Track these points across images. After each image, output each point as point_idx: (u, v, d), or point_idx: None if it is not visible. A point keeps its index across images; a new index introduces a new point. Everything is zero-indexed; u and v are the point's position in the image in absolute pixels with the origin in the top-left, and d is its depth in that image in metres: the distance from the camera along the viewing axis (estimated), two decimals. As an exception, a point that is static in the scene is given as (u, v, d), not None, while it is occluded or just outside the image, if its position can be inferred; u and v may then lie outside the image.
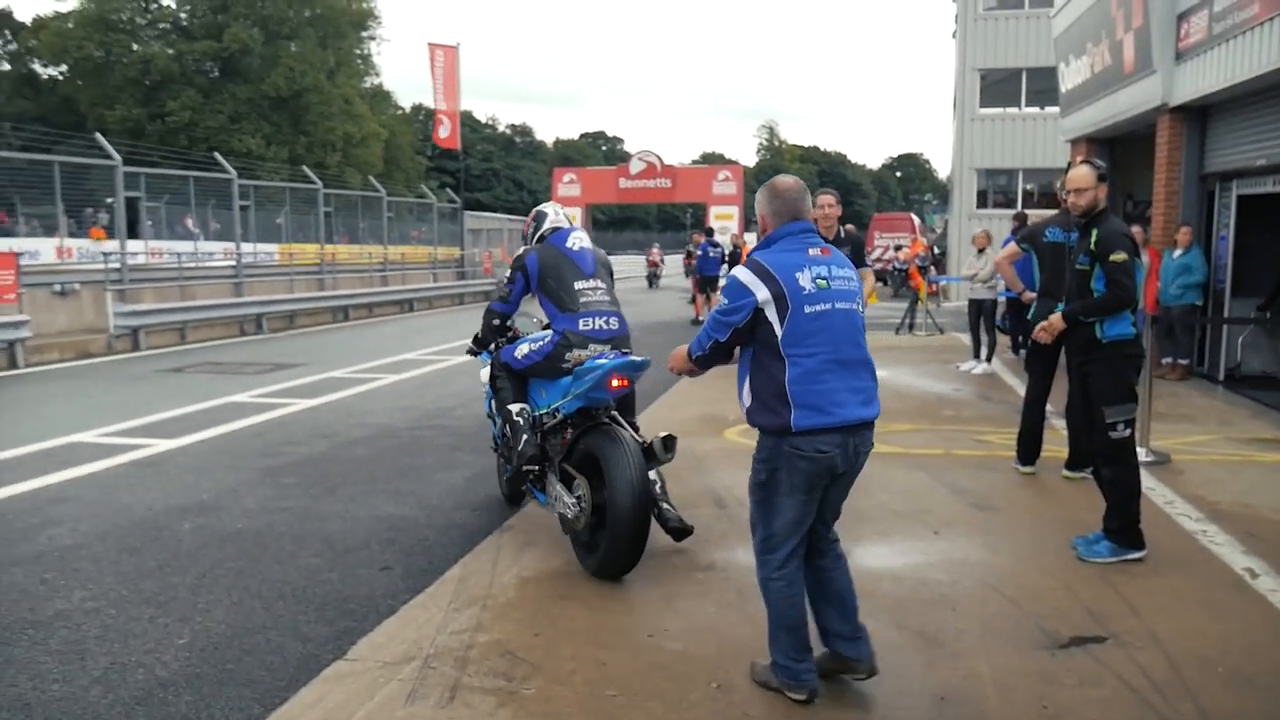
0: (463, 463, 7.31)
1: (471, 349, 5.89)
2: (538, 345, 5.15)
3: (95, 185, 21.23)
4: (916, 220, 37.33)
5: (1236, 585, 4.69)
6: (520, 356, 5.24)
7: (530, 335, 5.39)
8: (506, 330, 5.61)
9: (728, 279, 3.50)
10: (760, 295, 3.35)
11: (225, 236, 24.05)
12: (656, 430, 5.04)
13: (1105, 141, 14.84)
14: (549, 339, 5.09)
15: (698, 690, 3.58)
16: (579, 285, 5.11)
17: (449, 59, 32.30)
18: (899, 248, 27.44)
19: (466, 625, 4.18)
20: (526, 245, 5.50)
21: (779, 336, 3.36)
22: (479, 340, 5.77)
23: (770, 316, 3.36)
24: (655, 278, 36.53)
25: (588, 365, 4.89)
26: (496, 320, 5.50)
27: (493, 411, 5.70)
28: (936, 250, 30.32)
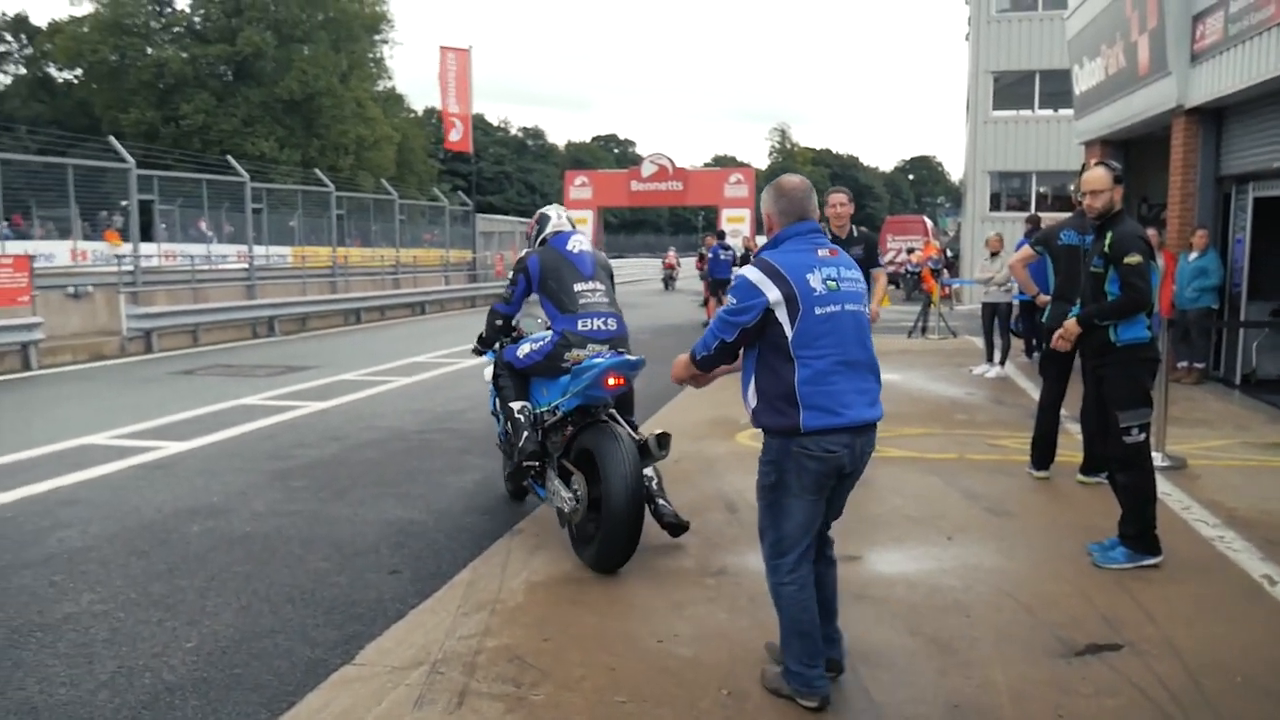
0: (472, 466, 7.29)
1: (476, 349, 6.00)
2: (538, 345, 5.30)
3: (110, 188, 21.35)
4: (929, 223, 37.21)
5: (1255, 592, 4.62)
6: (522, 356, 5.40)
7: (532, 335, 5.53)
8: (511, 330, 5.77)
9: (736, 279, 3.43)
10: (771, 296, 3.31)
11: (238, 239, 24.12)
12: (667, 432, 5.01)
13: (1120, 144, 14.75)
14: (549, 339, 5.24)
15: (708, 697, 3.54)
16: (578, 287, 5.26)
17: (461, 62, 32.34)
18: (911, 251, 27.35)
19: (475, 630, 4.15)
20: (529, 247, 5.67)
21: (789, 338, 3.32)
22: (483, 340, 5.88)
23: (781, 317, 3.32)
24: (671, 280, 37.70)
25: (585, 364, 5.05)
26: (499, 321, 5.66)
27: (497, 410, 5.80)
28: (949, 253, 30.24)
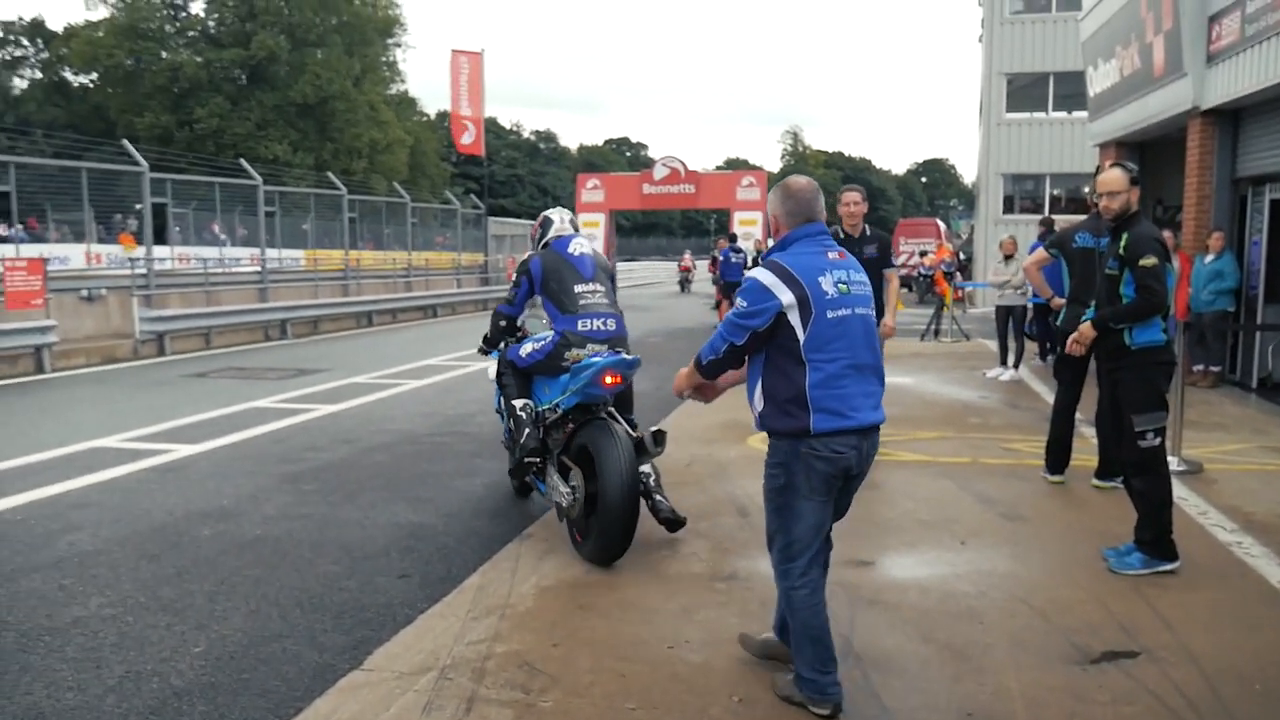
0: (483, 469, 7.27)
1: (482, 348, 6.17)
2: (540, 345, 5.48)
3: (124, 192, 21.49)
4: (942, 226, 37.06)
5: (1273, 598, 4.56)
6: (524, 355, 5.59)
7: (534, 335, 5.70)
8: (515, 330, 5.95)
9: (747, 281, 3.38)
10: (785, 299, 3.28)
11: (251, 242, 24.24)
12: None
13: (1134, 146, 14.66)
14: (550, 339, 5.42)
15: (719, 704, 3.51)
16: (579, 288, 5.44)
17: (473, 65, 32.36)
18: (924, 253, 27.24)
19: (484, 635, 4.12)
20: (533, 250, 5.86)
21: (801, 341, 3.30)
22: (488, 340, 6.05)
23: (793, 321, 3.29)
24: (687, 282, 39.10)
25: (584, 363, 5.22)
26: (503, 321, 5.88)
27: (501, 408, 5.96)
28: (962, 256, 30.12)
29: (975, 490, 6.50)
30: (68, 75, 55.39)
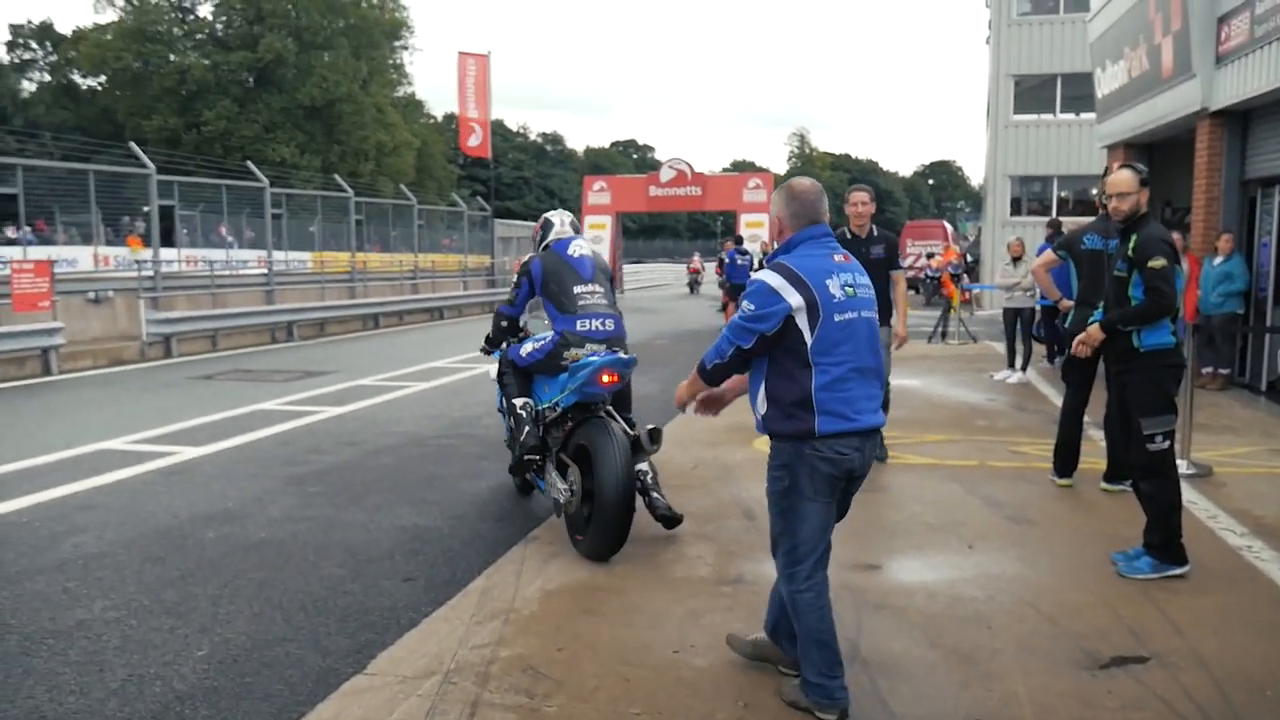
0: (488, 472, 7.24)
1: (484, 348, 6.32)
2: (540, 344, 5.60)
3: (132, 194, 21.54)
4: (949, 228, 36.98)
5: (1285, 604, 4.52)
6: (524, 355, 5.72)
7: (535, 335, 5.81)
8: (517, 331, 6.08)
9: (754, 284, 3.34)
10: (794, 302, 3.26)
11: (259, 244, 24.27)
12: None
13: (1143, 147, 14.60)
14: (550, 339, 5.54)
15: (724, 710, 3.48)
16: (578, 289, 5.56)
17: (480, 67, 32.38)
18: (931, 256, 27.17)
19: (488, 639, 4.10)
20: (534, 251, 5.98)
21: (809, 345, 3.27)
22: (490, 340, 6.20)
23: (801, 324, 3.27)
24: (696, 284, 39.88)
25: (581, 362, 5.32)
26: (504, 322, 6.04)
27: (503, 406, 6.05)
28: (969, 258, 30.02)
29: (983, 493, 6.47)
30: (76, 78, 55.60)
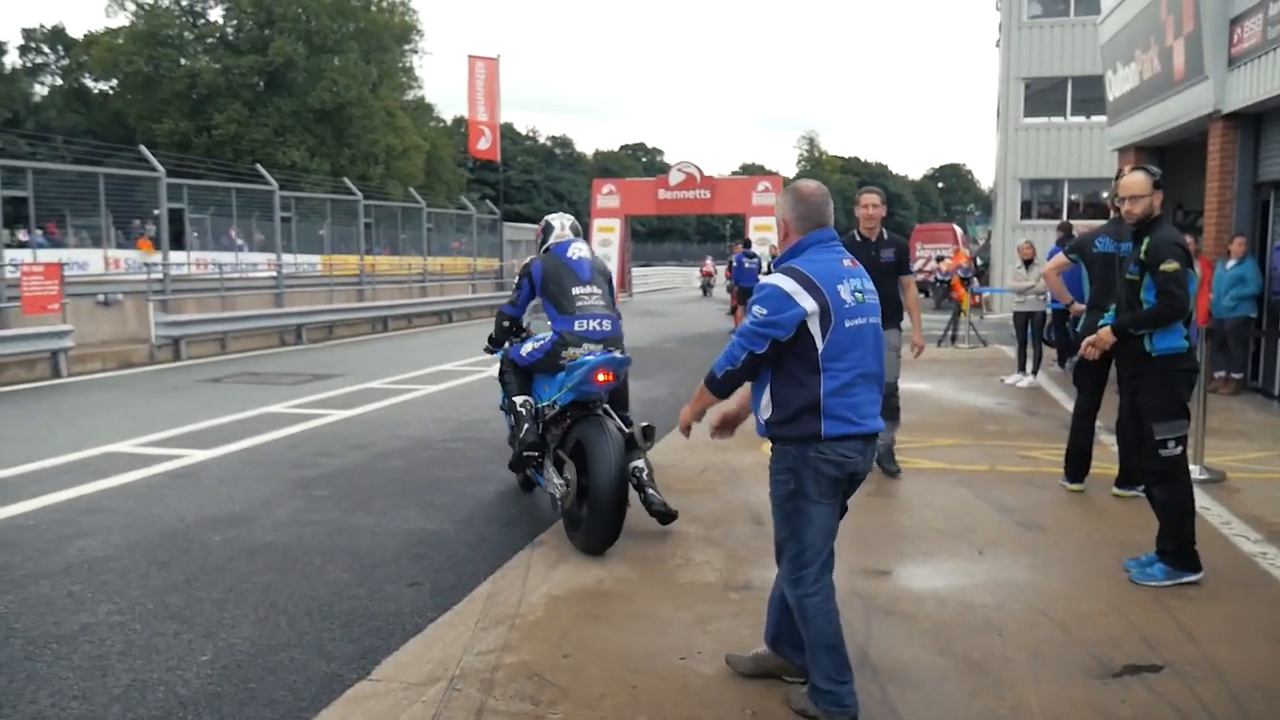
0: (496, 476, 7.21)
1: (487, 348, 6.52)
2: (539, 344, 5.78)
3: (143, 197, 21.60)
4: (959, 231, 36.88)
5: (1300, 612, 4.46)
6: (525, 354, 5.89)
7: (535, 335, 5.97)
8: (520, 330, 6.24)
9: (766, 288, 3.29)
10: (808, 306, 3.22)
11: (269, 247, 24.29)
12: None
13: (1154, 150, 14.51)
14: (549, 338, 5.71)
15: (731, 718, 3.44)
16: (576, 291, 5.73)
17: (489, 71, 32.45)
18: (941, 259, 27.07)
19: (494, 645, 4.07)
20: (535, 254, 6.16)
21: (819, 350, 3.24)
22: (493, 340, 6.39)
23: (813, 329, 3.24)
24: (709, 287, 40.16)
25: (578, 361, 5.47)
26: (506, 322, 6.21)
27: (505, 405, 6.16)
28: (979, 261, 29.93)
29: (993, 498, 6.42)
30: (88, 82, 55.86)
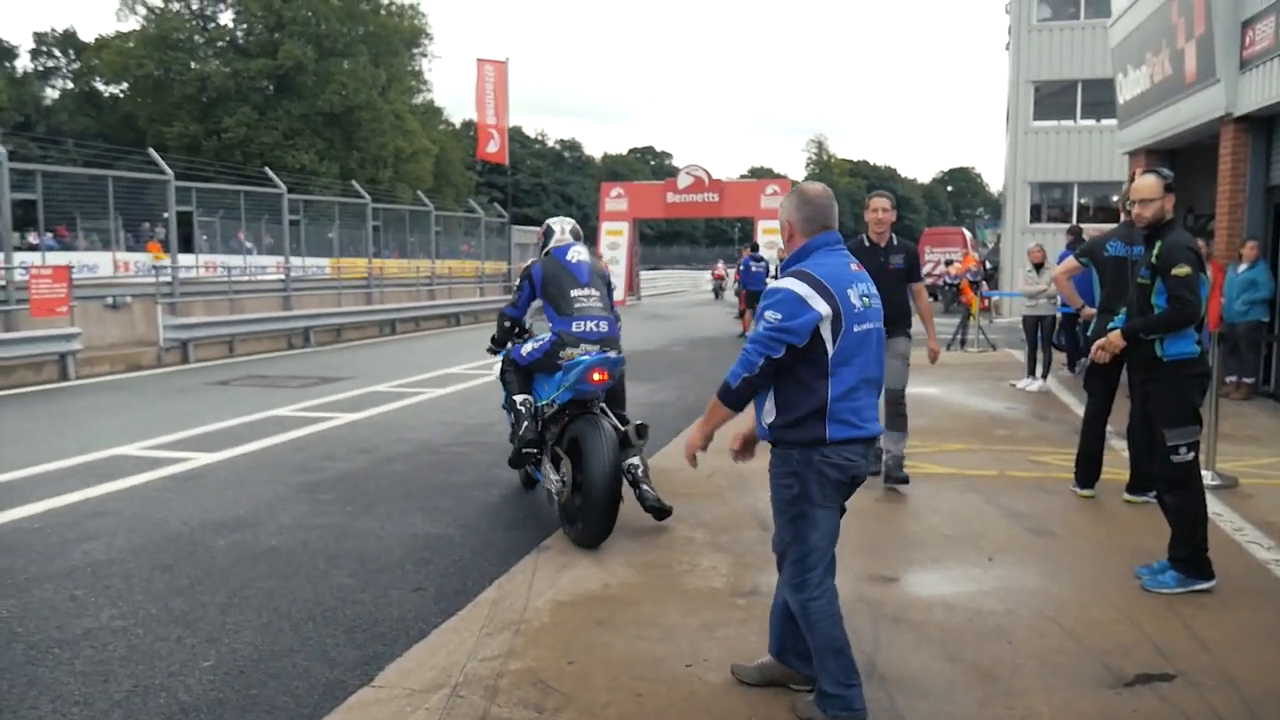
0: (501, 480, 7.18)
1: (490, 348, 6.65)
2: (538, 344, 5.93)
3: (153, 200, 21.63)
4: (968, 235, 36.77)
5: (1315, 620, 4.40)
6: (525, 354, 6.04)
7: (536, 336, 6.10)
8: (523, 332, 6.36)
9: (779, 292, 3.24)
10: (822, 310, 3.19)
11: (278, 250, 24.32)
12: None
13: (1165, 153, 14.43)
14: (547, 339, 5.86)
15: (737, 726, 3.40)
16: (574, 293, 5.88)
17: (498, 74, 32.45)
18: (950, 262, 27.01)
19: (498, 651, 4.03)
20: (536, 257, 6.29)
21: (830, 354, 3.22)
22: (496, 340, 6.53)
23: (824, 334, 3.21)
24: (720, 290, 40.86)
25: (574, 361, 5.64)
26: (508, 323, 6.35)
27: (507, 403, 6.26)
28: (988, 265, 29.84)
29: (1002, 504, 6.36)
30: (99, 85, 56.04)
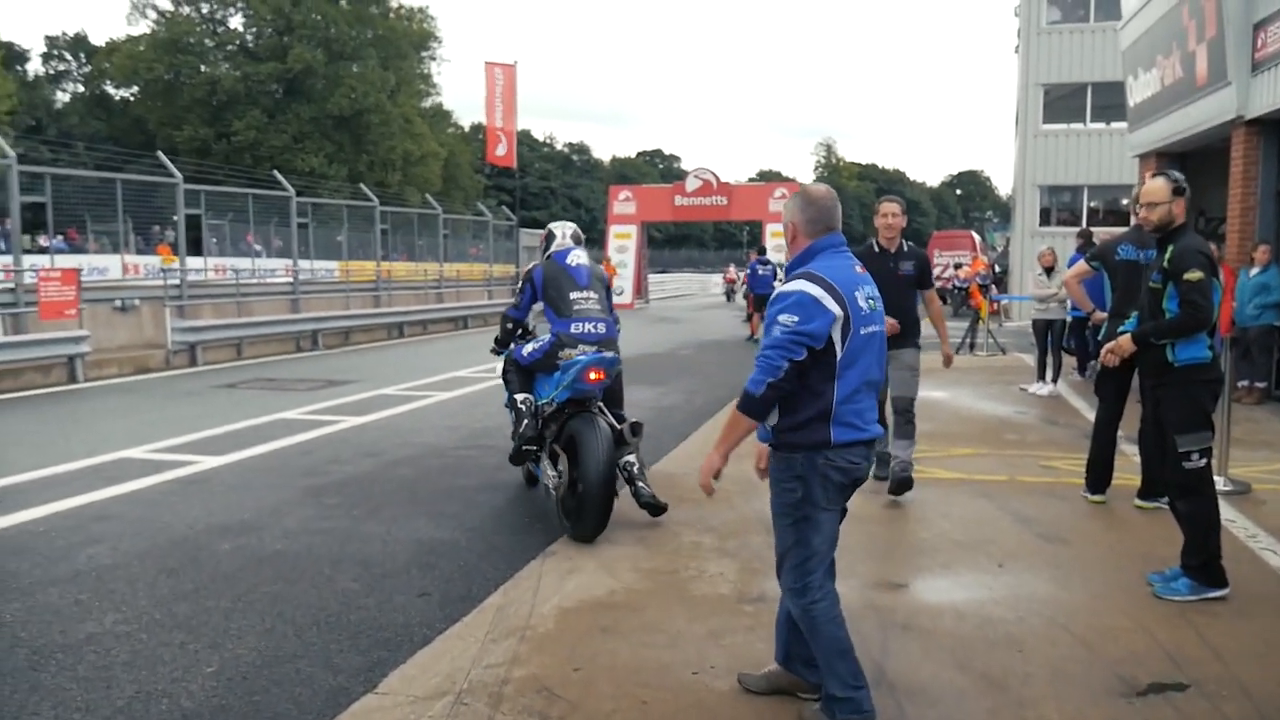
0: (507, 484, 7.15)
1: (494, 349, 6.81)
2: (539, 345, 6.12)
3: (163, 203, 21.67)
4: (977, 238, 36.70)
5: (1330, 629, 4.34)
6: (526, 354, 6.23)
7: (537, 337, 6.28)
8: (526, 332, 6.54)
9: (794, 295, 3.17)
10: (836, 312, 3.16)
11: (287, 254, 24.33)
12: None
13: (1176, 156, 14.34)
14: (547, 340, 6.04)
15: (744, 736, 3.36)
16: (573, 295, 6.07)
17: (507, 77, 32.50)
18: (959, 266, 26.91)
19: (503, 658, 4.00)
20: (539, 260, 6.48)
21: (839, 357, 3.19)
22: (499, 341, 6.71)
23: (835, 336, 3.18)
24: (732, 293, 40.92)
25: (571, 361, 5.84)
26: (510, 324, 6.56)
27: (509, 402, 6.42)
28: (997, 269, 29.76)
29: (1013, 510, 6.31)
30: (109, 89, 56.27)
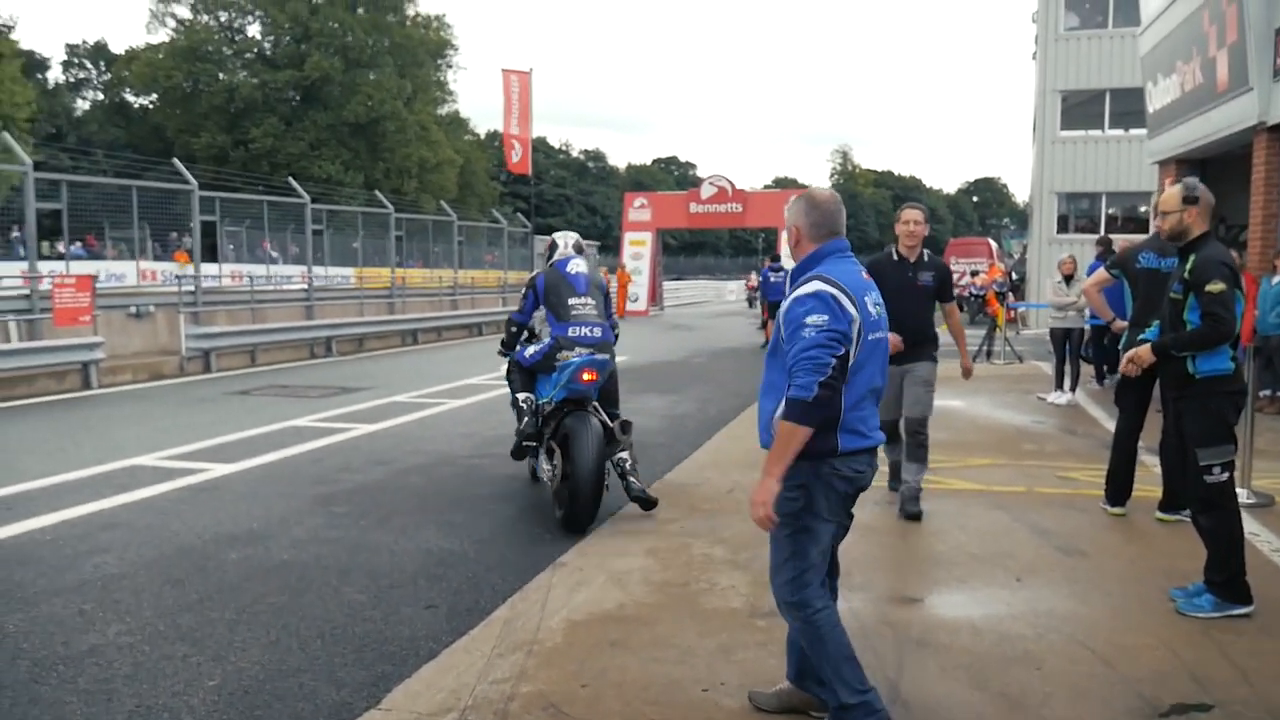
0: (518, 493, 7.09)
1: (501, 351, 7.18)
2: (539, 347, 6.51)
3: (180, 210, 21.78)
4: (994, 245, 36.47)
5: (1359, 648, 4.22)
6: (528, 356, 6.61)
7: (539, 340, 6.67)
8: (532, 335, 6.87)
9: (816, 295, 3.10)
10: (854, 315, 3.12)
11: (303, 260, 24.41)
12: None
13: (1196, 163, 14.20)
14: (547, 343, 6.44)
15: (754, 756, 3.28)
16: (572, 301, 6.43)
17: (523, 84, 32.51)
18: (976, 273, 26.74)
19: (509, 673, 3.92)
20: (542, 267, 6.84)
21: (850, 362, 3.13)
22: (505, 344, 7.06)
23: (852, 338, 3.14)
24: (754, 300, 40.25)
25: (566, 363, 6.25)
26: (514, 328, 6.92)
27: (512, 401, 6.83)
28: (1014, 276, 29.57)
29: (1030, 522, 6.20)
30: (128, 96, 56.65)
